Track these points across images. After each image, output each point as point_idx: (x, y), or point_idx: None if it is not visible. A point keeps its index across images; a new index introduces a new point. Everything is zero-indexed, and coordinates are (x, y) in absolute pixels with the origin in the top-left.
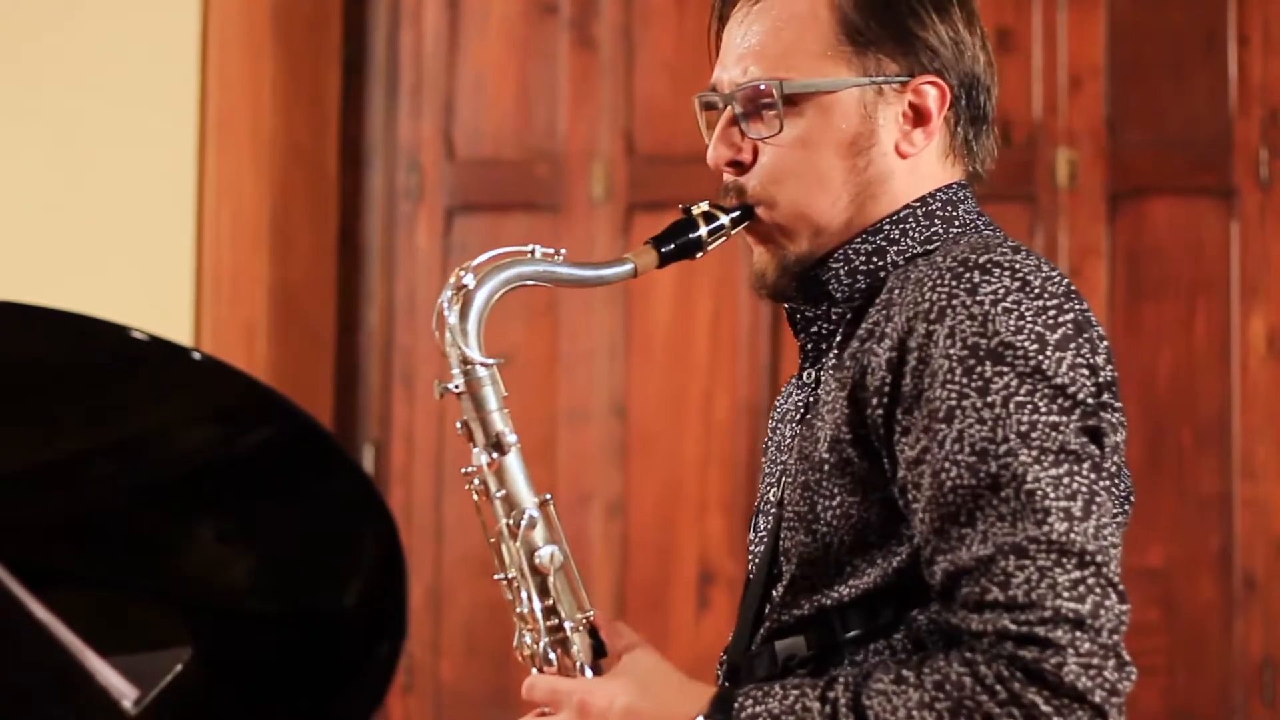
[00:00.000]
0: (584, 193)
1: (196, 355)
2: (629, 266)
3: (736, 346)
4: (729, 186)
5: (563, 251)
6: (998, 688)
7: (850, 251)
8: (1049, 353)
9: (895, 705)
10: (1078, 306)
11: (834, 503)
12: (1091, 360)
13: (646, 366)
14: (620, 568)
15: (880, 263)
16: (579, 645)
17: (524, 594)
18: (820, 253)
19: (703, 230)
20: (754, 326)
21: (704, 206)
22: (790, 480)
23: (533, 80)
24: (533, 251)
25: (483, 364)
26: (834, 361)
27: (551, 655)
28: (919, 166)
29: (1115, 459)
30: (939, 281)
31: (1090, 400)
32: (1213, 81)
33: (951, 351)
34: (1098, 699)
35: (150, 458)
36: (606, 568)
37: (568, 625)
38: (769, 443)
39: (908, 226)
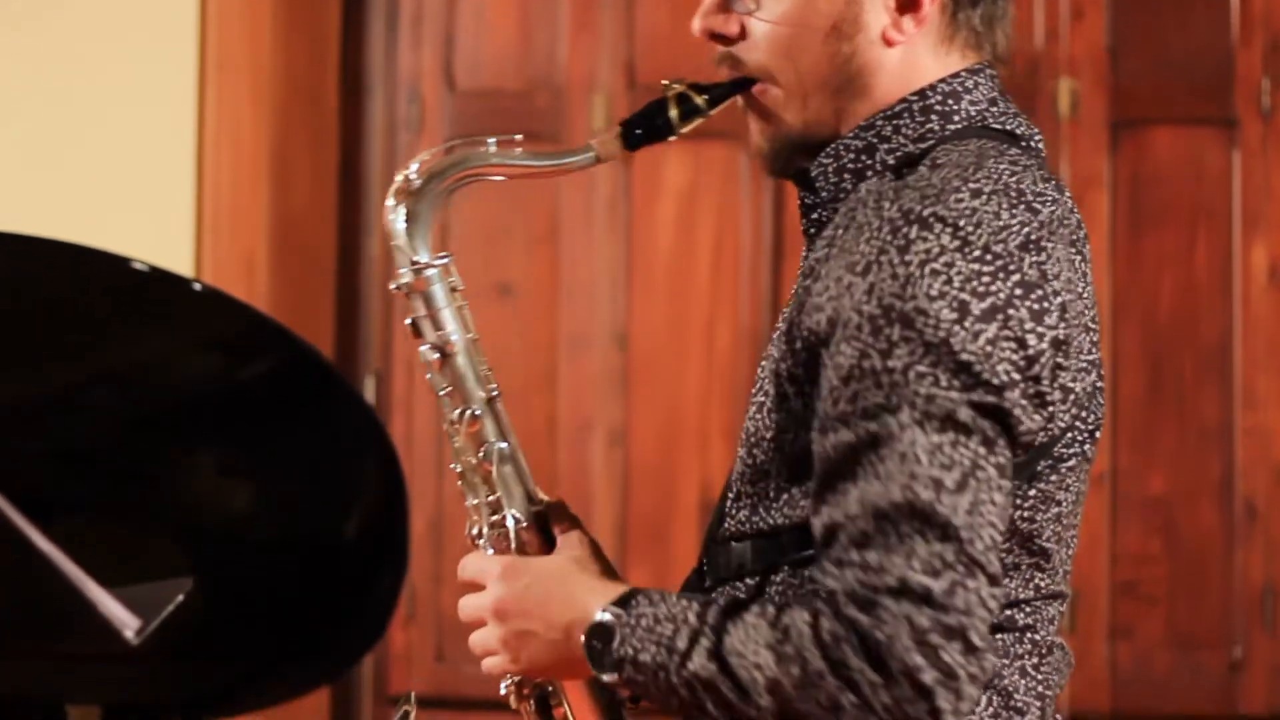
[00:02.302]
0: (585, 123)
1: (197, 286)
2: (590, 154)
3: (738, 274)
4: (721, 56)
5: (518, 138)
6: (830, 647)
7: (841, 148)
8: (967, 324)
9: (746, 637)
10: (1033, 259)
11: (769, 434)
12: (1021, 331)
13: (648, 294)
14: (621, 497)
15: (869, 161)
16: (526, 537)
17: (471, 487)
18: (814, 138)
19: (673, 112)
20: (756, 254)
21: (679, 87)
22: (753, 392)
23: (533, 10)
24: (488, 143)
25: (429, 265)
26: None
27: (490, 547)
28: (912, 57)
29: (1073, 411)
30: (875, 234)
31: (1000, 379)
32: (1215, 10)
33: (864, 308)
34: (927, 679)
35: (151, 388)
36: (608, 497)
37: (511, 517)
38: None
39: (901, 123)
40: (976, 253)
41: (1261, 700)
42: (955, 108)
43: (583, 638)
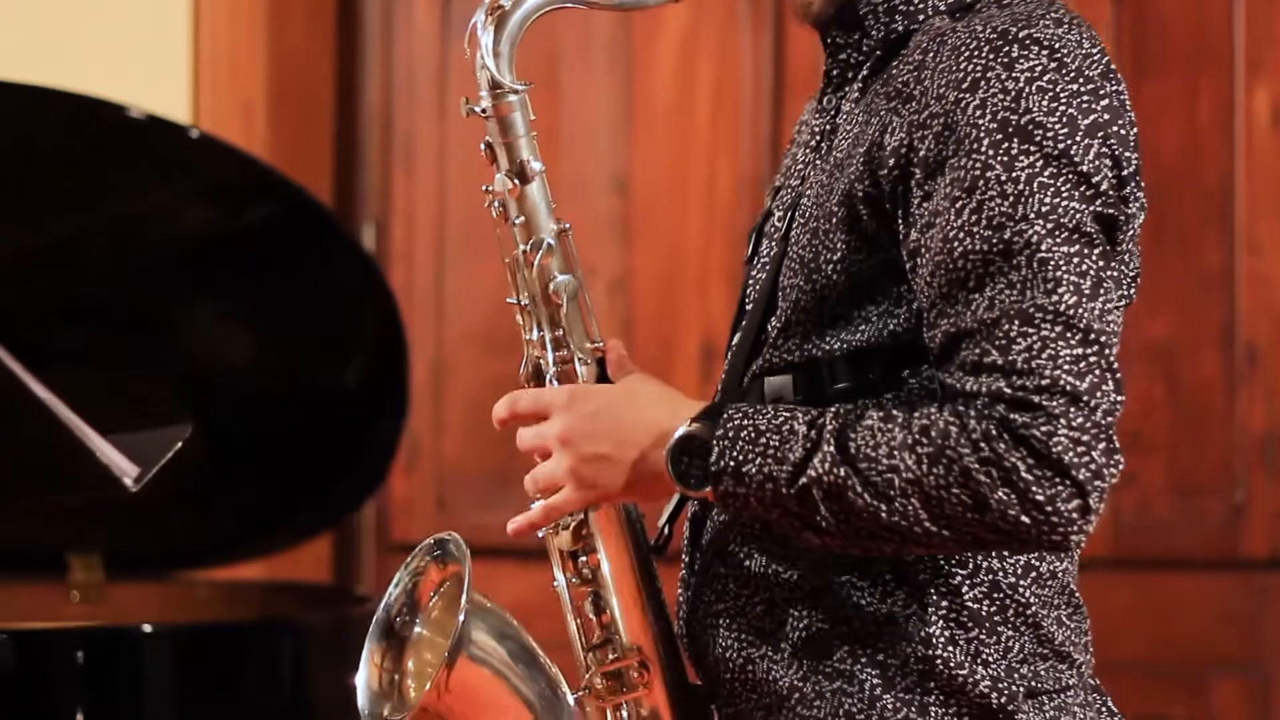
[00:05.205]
0: None
1: (194, 133)
2: None
3: (739, 120)
4: None
5: None
6: (982, 444)
7: None
8: (1078, 138)
9: (878, 441)
10: (1114, 89)
11: (835, 255)
12: (1118, 151)
13: (648, 140)
14: (623, 343)
15: (921, 4)
16: (585, 375)
17: (535, 321)
18: None
19: None
20: (756, 99)
21: None
22: (801, 220)
23: None
24: None
25: (513, 89)
26: (856, 97)
27: (555, 383)
28: None
29: (1130, 245)
30: (976, 52)
31: (1111, 191)
32: None
33: (981, 123)
34: (1080, 475)
35: (149, 237)
36: None
37: (576, 356)
38: (786, 156)
39: None
40: (1071, 74)
41: (1263, 545)
42: None
43: (665, 453)
